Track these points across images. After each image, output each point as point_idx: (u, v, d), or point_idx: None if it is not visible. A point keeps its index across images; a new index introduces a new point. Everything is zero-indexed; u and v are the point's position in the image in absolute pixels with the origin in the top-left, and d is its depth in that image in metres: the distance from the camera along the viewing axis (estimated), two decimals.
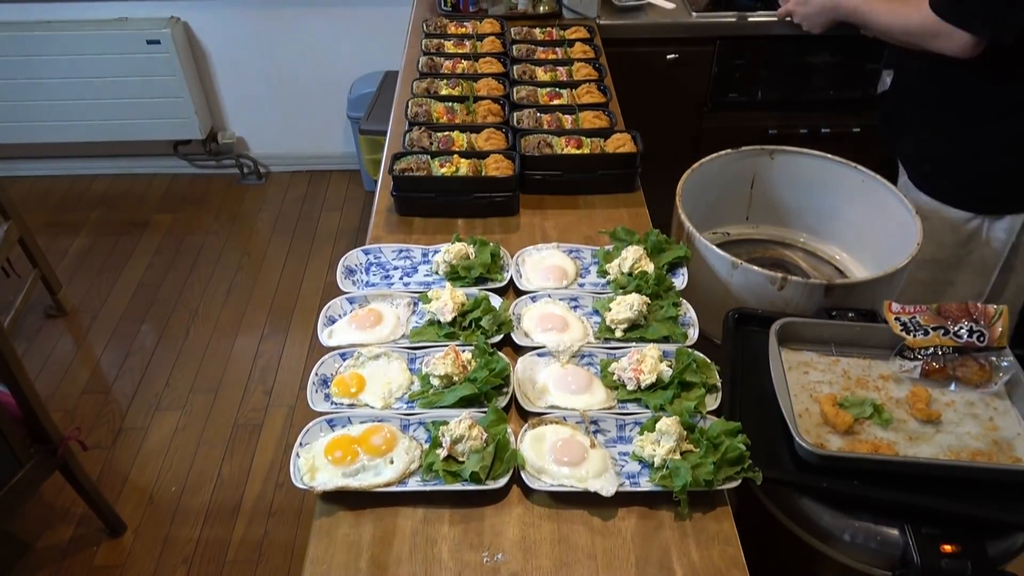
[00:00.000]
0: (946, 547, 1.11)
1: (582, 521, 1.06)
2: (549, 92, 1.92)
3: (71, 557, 2.19)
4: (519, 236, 1.60)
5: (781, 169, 1.95)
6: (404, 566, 1.01)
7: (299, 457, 1.12)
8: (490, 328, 1.31)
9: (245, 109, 3.68)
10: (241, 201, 3.69)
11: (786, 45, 2.53)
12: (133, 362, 2.81)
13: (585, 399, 1.22)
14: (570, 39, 2.18)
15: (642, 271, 1.40)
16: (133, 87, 3.38)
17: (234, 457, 2.46)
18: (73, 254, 3.34)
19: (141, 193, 3.74)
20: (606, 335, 1.33)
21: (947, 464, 1.19)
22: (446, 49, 2.15)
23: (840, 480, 1.17)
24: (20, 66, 3.30)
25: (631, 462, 1.14)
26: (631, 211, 1.67)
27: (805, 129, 2.67)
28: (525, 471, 1.10)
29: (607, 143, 1.71)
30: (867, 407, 1.26)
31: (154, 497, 2.35)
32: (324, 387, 1.25)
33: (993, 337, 1.30)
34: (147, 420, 2.59)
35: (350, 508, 1.08)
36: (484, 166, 1.64)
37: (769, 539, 1.28)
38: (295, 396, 2.68)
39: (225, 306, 3.07)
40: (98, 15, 3.30)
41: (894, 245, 1.67)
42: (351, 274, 1.48)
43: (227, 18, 3.38)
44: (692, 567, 1.01)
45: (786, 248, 2.02)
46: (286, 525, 2.27)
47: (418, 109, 1.83)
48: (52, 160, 3.77)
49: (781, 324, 1.38)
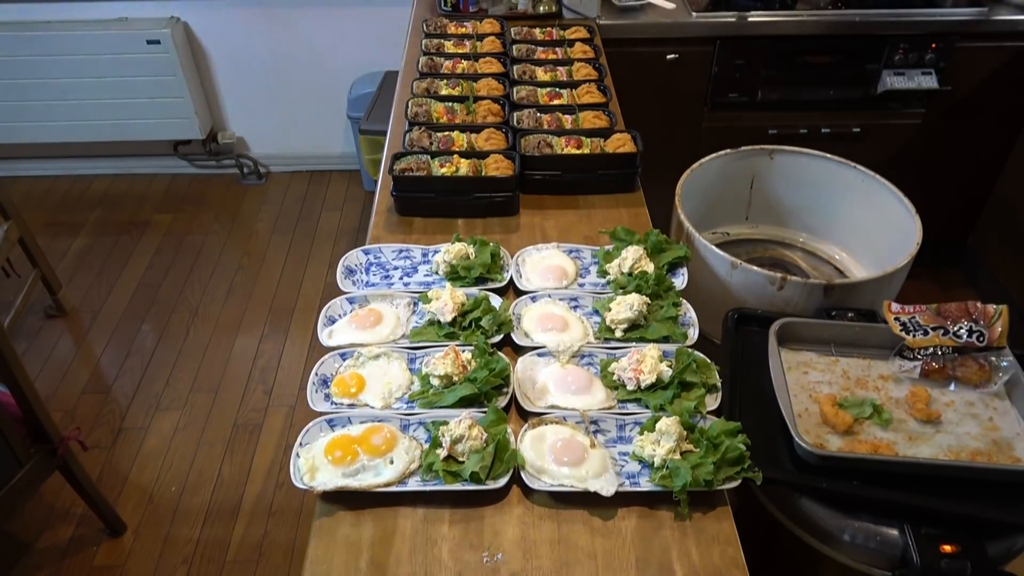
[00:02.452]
0: (946, 547, 1.11)
1: (582, 521, 1.06)
2: (549, 92, 1.92)
3: (71, 557, 2.19)
4: (519, 236, 1.60)
5: (781, 169, 1.95)
6: (404, 566, 1.01)
7: (299, 457, 1.12)
8: (490, 328, 1.31)
9: (245, 109, 3.68)
10: (241, 201, 3.69)
11: (786, 45, 2.53)
12: (133, 362, 2.81)
13: (585, 399, 1.22)
14: (570, 39, 2.18)
15: (642, 271, 1.40)
16: (133, 87, 3.38)
17: (234, 457, 2.46)
18: (73, 254, 3.34)
19: (141, 193, 3.73)
20: (606, 335, 1.33)
21: (947, 464, 1.19)
22: (446, 49, 2.15)
23: (840, 480, 1.17)
24: (20, 66, 3.30)
25: (631, 462, 1.14)
26: (631, 211, 1.67)
27: (805, 129, 2.67)
28: (525, 471, 1.10)
29: (607, 143, 1.71)
30: (867, 407, 1.26)
31: (154, 497, 2.35)
32: (324, 387, 1.25)
33: (993, 337, 1.30)
34: (147, 420, 2.59)
35: (350, 508, 1.08)
36: (484, 166, 1.64)
37: (769, 539, 1.28)
38: (295, 396, 2.68)
39: (225, 306, 3.07)
40: (98, 15, 3.30)
41: (894, 245, 1.67)
42: (351, 274, 1.48)
43: (227, 18, 3.38)
44: (692, 567, 1.01)
45: (785, 248, 2.03)
46: (286, 525, 2.27)
47: (418, 109, 1.83)
48: (52, 160, 3.77)
49: (781, 324, 1.38)
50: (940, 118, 2.68)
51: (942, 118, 2.68)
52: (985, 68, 2.59)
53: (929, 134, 2.71)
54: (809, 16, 2.50)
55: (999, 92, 2.63)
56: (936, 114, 2.67)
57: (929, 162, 2.77)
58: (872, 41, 2.52)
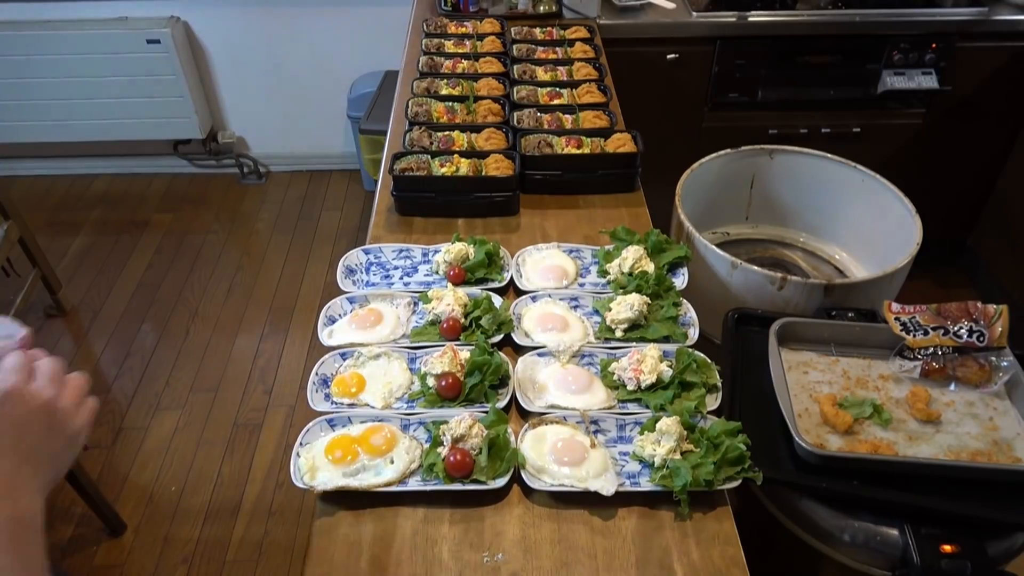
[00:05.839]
0: (946, 547, 1.11)
1: (582, 521, 1.06)
2: (549, 92, 1.92)
3: (71, 557, 2.19)
4: (519, 236, 1.60)
5: (781, 169, 1.95)
6: (404, 566, 1.01)
7: (299, 457, 1.12)
8: (490, 328, 1.31)
9: (245, 109, 3.67)
10: (241, 201, 3.69)
11: (786, 45, 2.54)
12: (133, 362, 2.81)
13: (585, 399, 1.22)
14: (570, 39, 2.18)
15: (642, 271, 1.40)
16: (133, 87, 3.38)
17: (234, 457, 2.46)
18: (73, 254, 3.34)
19: (141, 193, 3.73)
20: (606, 335, 1.33)
21: (947, 464, 1.19)
22: (446, 49, 2.15)
23: (840, 480, 1.17)
24: (20, 66, 3.29)
25: (631, 462, 1.14)
26: (631, 211, 1.66)
27: (805, 129, 2.67)
28: (525, 471, 1.10)
29: (607, 143, 1.71)
30: (867, 407, 1.26)
31: (154, 497, 2.35)
32: (324, 387, 1.25)
33: (993, 337, 1.30)
34: (147, 420, 2.59)
35: (350, 508, 1.08)
36: (484, 166, 1.64)
37: (769, 539, 1.28)
38: (295, 396, 2.68)
39: (225, 306, 3.07)
40: (98, 15, 3.30)
41: (894, 245, 1.67)
42: (351, 274, 1.48)
43: (227, 18, 3.37)
44: (692, 567, 1.01)
45: (786, 248, 2.03)
46: (286, 525, 2.27)
47: (418, 109, 1.83)
48: (52, 160, 3.77)
49: (781, 324, 1.38)
50: (940, 118, 2.68)
51: (942, 118, 2.68)
52: (985, 68, 2.59)
53: (929, 134, 2.71)
54: (809, 16, 2.50)
55: (999, 92, 2.63)
56: (936, 114, 2.67)
57: (929, 162, 2.77)
58: (872, 41, 2.52)
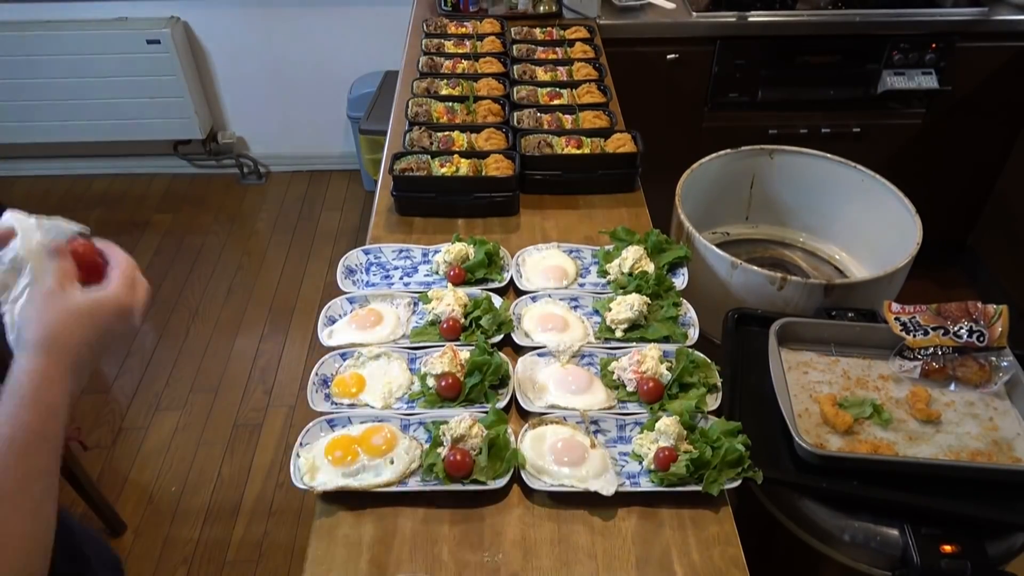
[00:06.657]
0: (946, 547, 1.11)
1: (582, 521, 1.06)
2: (549, 92, 1.92)
3: None
4: (519, 236, 1.60)
5: (781, 169, 1.95)
6: (404, 566, 1.01)
7: (299, 457, 1.12)
8: (490, 328, 1.31)
9: (245, 109, 3.67)
10: (241, 201, 3.69)
11: (786, 45, 2.53)
12: (133, 362, 2.81)
13: (585, 399, 1.22)
14: (570, 39, 2.18)
15: (642, 271, 1.40)
16: (133, 87, 3.38)
17: (234, 457, 2.46)
18: None
19: (141, 193, 3.73)
20: (606, 335, 1.33)
21: (947, 464, 1.19)
22: (446, 49, 2.15)
23: (840, 480, 1.17)
24: (20, 66, 3.29)
25: (631, 462, 1.14)
26: (631, 211, 1.66)
27: (805, 129, 2.67)
28: (525, 471, 1.10)
29: (607, 143, 1.71)
30: (867, 407, 1.26)
31: (154, 497, 2.35)
32: (324, 387, 1.25)
33: (993, 337, 1.30)
34: (147, 420, 2.59)
35: (350, 508, 1.08)
36: (484, 166, 1.64)
37: (769, 539, 1.28)
38: (295, 396, 2.68)
39: (225, 306, 3.07)
40: (98, 15, 3.30)
41: (894, 245, 1.67)
42: (351, 274, 1.48)
43: (227, 18, 3.37)
44: (692, 567, 1.01)
45: (786, 248, 2.03)
46: (286, 525, 2.27)
47: (418, 109, 1.83)
48: (52, 160, 3.77)
49: (781, 324, 1.38)
50: (940, 118, 2.68)
51: (942, 118, 2.68)
52: (985, 68, 2.59)
53: (929, 134, 2.71)
54: (809, 16, 2.50)
55: (999, 92, 2.63)
56: (936, 114, 2.67)
57: (929, 162, 2.77)
58: (872, 41, 2.52)
